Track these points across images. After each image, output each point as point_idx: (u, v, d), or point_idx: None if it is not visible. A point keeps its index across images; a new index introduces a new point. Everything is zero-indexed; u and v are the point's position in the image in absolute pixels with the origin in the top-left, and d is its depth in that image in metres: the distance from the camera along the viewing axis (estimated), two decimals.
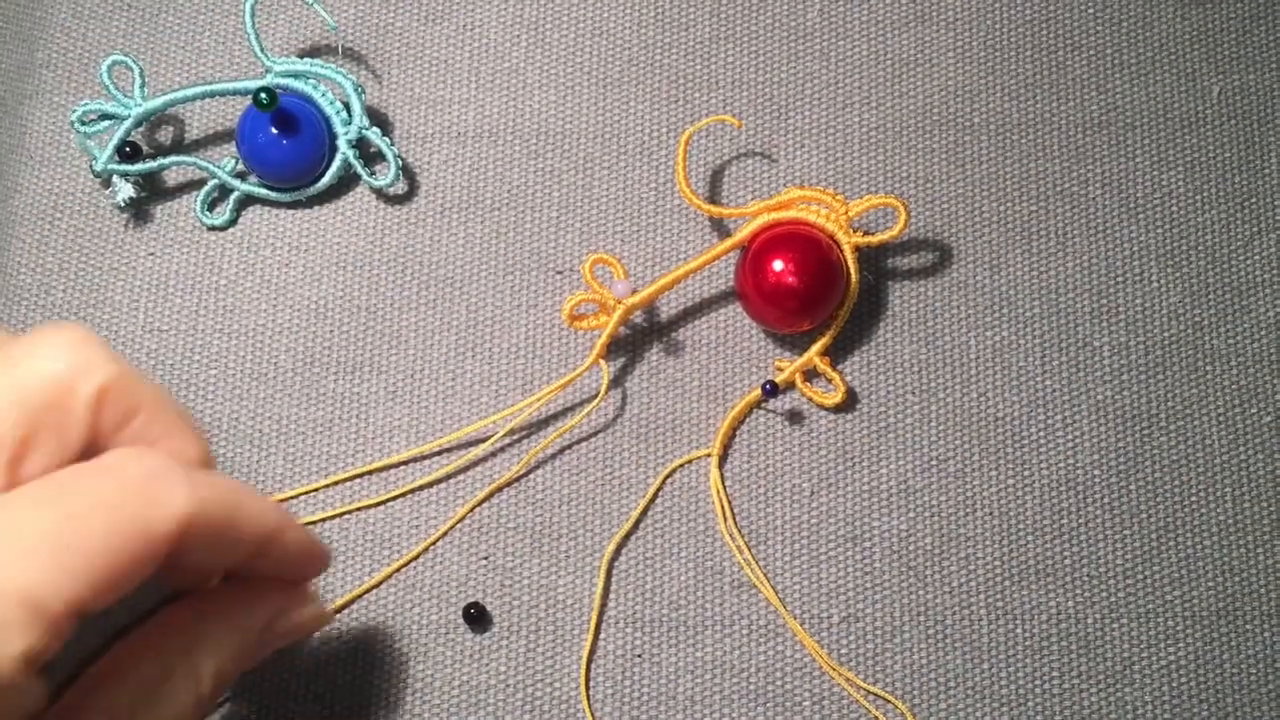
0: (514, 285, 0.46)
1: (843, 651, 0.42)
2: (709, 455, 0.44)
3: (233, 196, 0.47)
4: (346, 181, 0.47)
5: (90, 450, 0.29)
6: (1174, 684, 0.42)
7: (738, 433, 0.45)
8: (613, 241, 0.46)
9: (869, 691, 0.42)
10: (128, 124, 0.45)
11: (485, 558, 0.43)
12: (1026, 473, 0.44)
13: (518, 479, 0.44)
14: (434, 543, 0.43)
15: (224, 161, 0.47)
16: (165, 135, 0.48)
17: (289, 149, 0.45)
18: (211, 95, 0.46)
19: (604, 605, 0.43)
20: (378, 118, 0.48)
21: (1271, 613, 0.43)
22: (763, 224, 0.43)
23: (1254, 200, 0.47)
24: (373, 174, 0.46)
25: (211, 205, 0.47)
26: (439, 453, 0.45)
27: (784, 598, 0.43)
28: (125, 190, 0.46)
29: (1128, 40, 0.48)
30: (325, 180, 0.46)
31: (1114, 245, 0.46)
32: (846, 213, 0.43)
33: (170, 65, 0.48)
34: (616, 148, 0.47)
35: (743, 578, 0.43)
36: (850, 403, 0.45)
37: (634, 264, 0.46)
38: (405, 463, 0.44)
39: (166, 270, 0.46)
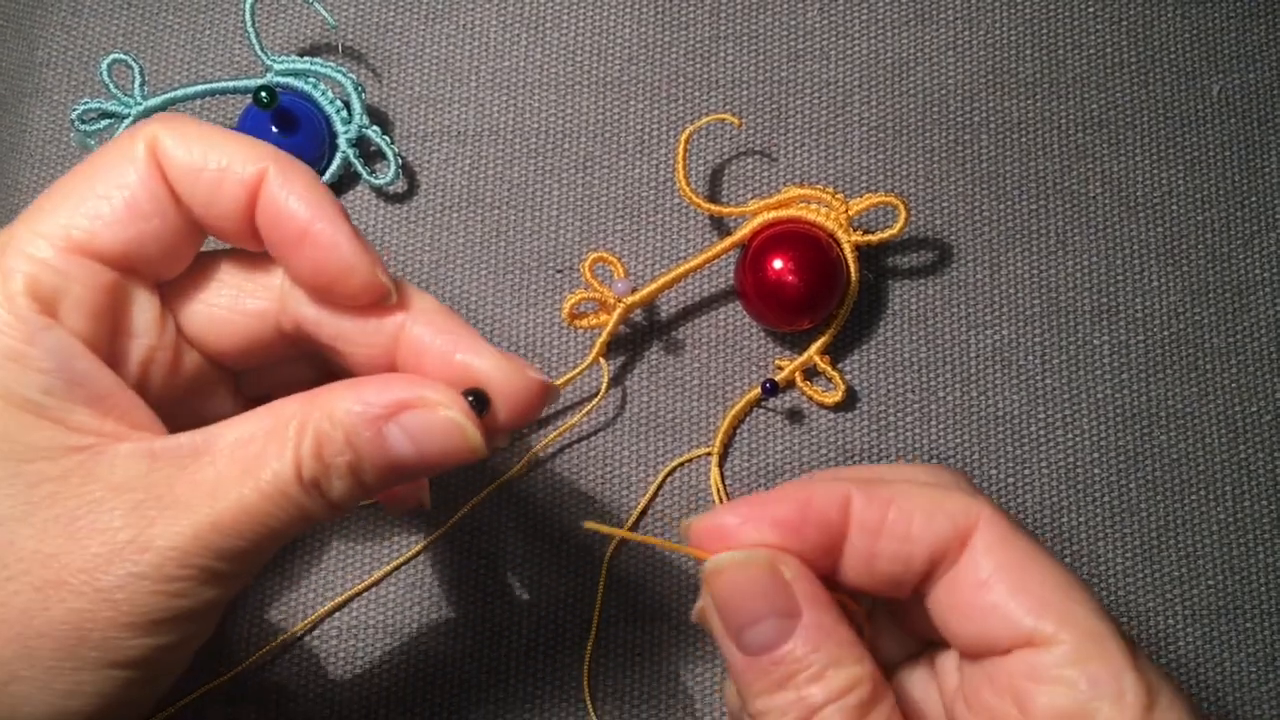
0: (514, 284, 0.46)
1: None
2: (709, 454, 0.44)
3: None
4: (346, 180, 0.47)
5: None
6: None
7: (738, 431, 0.45)
8: (612, 240, 0.46)
9: None
10: (127, 122, 0.45)
11: (485, 556, 0.43)
12: (1026, 471, 0.44)
13: (518, 478, 0.44)
14: (434, 541, 0.43)
15: None
16: None
17: (289, 147, 0.45)
18: (211, 94, 0.46)
19: (604, 603, 0.43)
20: (378, 116, 0.48)
21: (1272, 610, 0.43)
22: (763, 222, 0.43)
23: (1254, 199, 0.47)
24: (373, 172, 0.46)
25: None
26: None
27: None
28: None
29: (1128, 39, 0.48)
30: (325, 179, 0.46)
31: (1114, 244, 0.46)
32: (846, 211, 0.43)
33: (170, 64, 0.48)
34: (616, 146, 0.47)
35: None
36: (850, 401, 0.45)
37: (634, 262, 0.46)
38: None
39: None
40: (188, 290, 0.32)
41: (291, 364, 0.36)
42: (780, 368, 0.45)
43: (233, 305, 0.32)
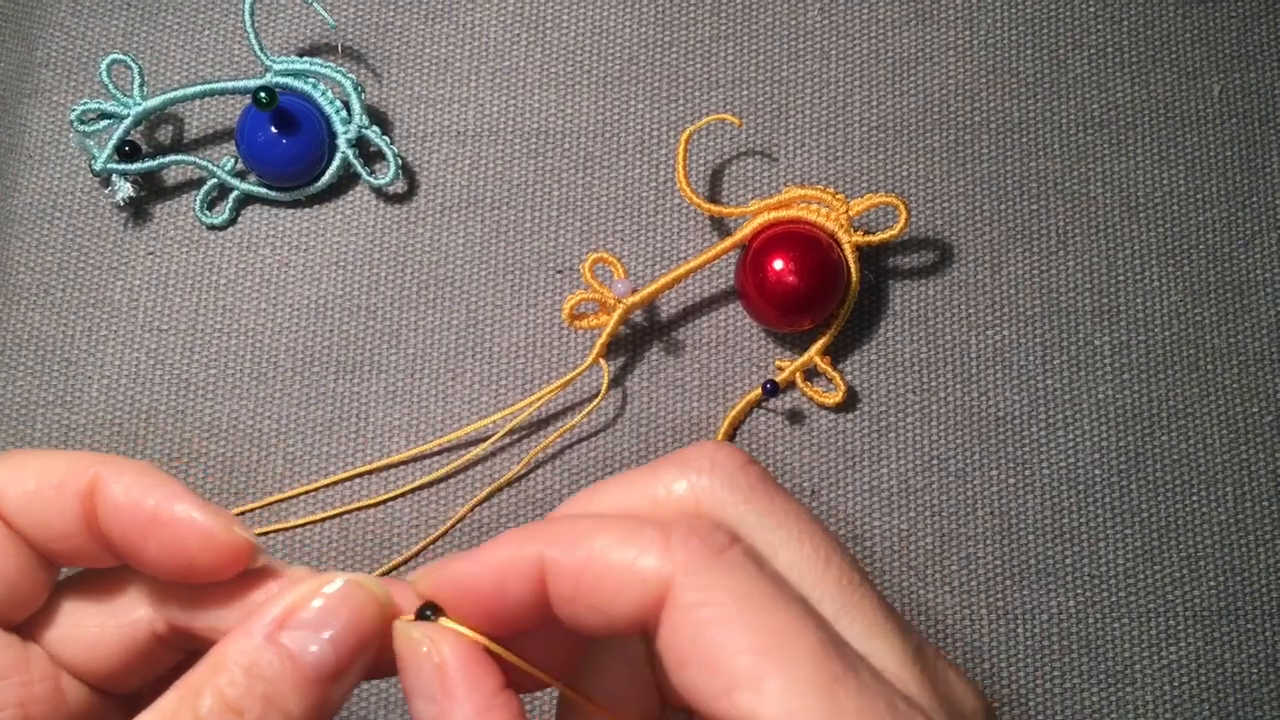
0: (514, 284, 0.46)
1: None
2: None
3: (232, 196, 0.47)
4: (346, 180, 0.47)
5: None
6: (1175, 683, 0.42)
7: (738, 432, 0.45)
8: (613, 240, 0.46)
9: None
10: (127, 123, 0.45)
11: None
12: (1027, 472, 0.44)
13: (518, 479, 0.44)
14: (433, 542, 0.43)
15: (223, 161, 0.46)
16: (164, 134, 0.48)
17: (288, 148, 0.45)
18: (211, 94, 0.45)
19: None
20: (377, 116, 0.48)
21: (1273, 612, 0.43)
22: (763, 223, 0.43)
23: (1255, 199, 0.47)
24: (372, 173, 0.46)
25: (211, 204, 0.47)
26: (439, 452, 0.45)
27: None
28: (124, 189, 0.46)
29: (1128, 39, 0.48)
30: (325, 179, 0.46)
31: (1115, 244, 0.46)
32: (847, 212, 0.43)
33: (169, 64, 0.48)
34: (616, 146, 0.47)
35: None
36: (851, 402, 0.45)
37: (634, 263, 0.46)
38: (405, 462, 0.44)
39: (166, 269, 0.46)
40: (51, 620, 0.30)
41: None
42: (781, 368, 0.45)
43: (102, 623, 0.30)
